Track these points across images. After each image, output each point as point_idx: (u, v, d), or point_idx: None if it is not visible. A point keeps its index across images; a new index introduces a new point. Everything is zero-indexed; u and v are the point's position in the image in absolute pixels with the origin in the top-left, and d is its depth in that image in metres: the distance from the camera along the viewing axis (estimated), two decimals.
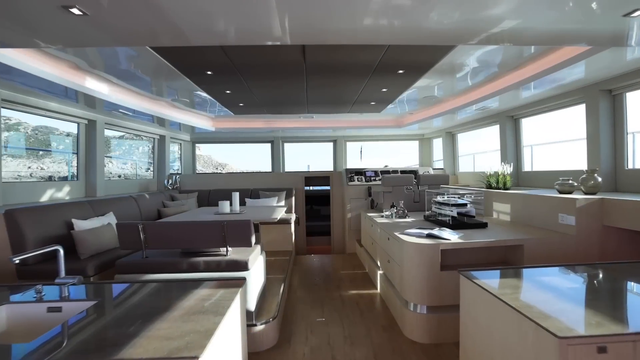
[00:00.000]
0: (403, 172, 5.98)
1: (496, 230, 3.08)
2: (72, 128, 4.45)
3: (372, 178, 5.75)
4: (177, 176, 6.08)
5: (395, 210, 4.18)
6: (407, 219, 3.94)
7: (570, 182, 3.13)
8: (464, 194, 3.64)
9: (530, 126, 4.80)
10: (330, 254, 6.19)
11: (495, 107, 4.68)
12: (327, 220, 7.04)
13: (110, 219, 3.43)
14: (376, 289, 3.90)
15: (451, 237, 2.75)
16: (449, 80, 3.90)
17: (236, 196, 4.01)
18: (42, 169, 6.27)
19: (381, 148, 8.12)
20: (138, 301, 1.48)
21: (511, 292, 1.53)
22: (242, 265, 2.53)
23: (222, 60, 2.97)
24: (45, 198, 3.82)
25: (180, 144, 7.24)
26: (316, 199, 8.21)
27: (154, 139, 6.20)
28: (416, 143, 7.79)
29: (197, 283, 1.67)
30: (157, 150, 6.27)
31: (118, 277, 2.47)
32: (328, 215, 7.57)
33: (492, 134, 5.87)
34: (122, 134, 6.21)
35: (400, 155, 8.91)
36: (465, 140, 6.60)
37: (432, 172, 6.26)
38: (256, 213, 3.79)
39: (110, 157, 8.54)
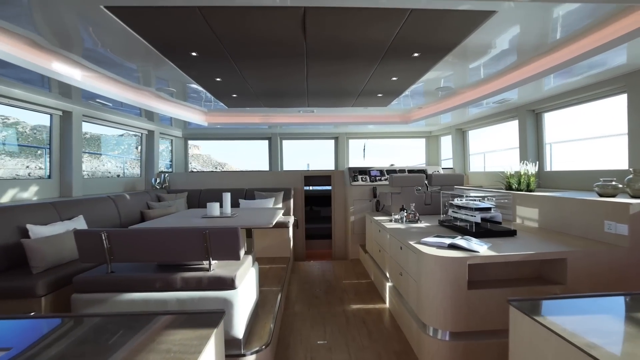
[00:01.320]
0: (410, 171, 5.54)
1: (528, 239, 2.64)
2: (44, 120, 3.99)
3: (378, 178, 5.30)
4: (166, 174, 5.62)
5: (405, 213, 3.73)
6: (420, 224, 3.50)
7: (614, 183, 2.69)
8: (485, 197, 3.19)
9: (550, 122, 4.36)
10: (331, 260, 5.74)
11: (514, 101, 4.24)
12: (327, 223, 6.59)
13: (79, 223, 2.96)
14: (384, 302, 3.45)
15: (479, 248, 2.30)
16: (464, 69, 3.46)
17: (227, 197, 3.57)
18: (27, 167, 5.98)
19: (384, 146, 7.67)
20: (65, 352, 1.03)
21: (599, 339, 1.09)
22: (228, 283, 2.08)
23: (206, 36, 2.51)
24: (5, 199, 3.36)
25: (172, 140, 6.79)
26: (316, 199, 7.76)
27: (141, 134, 5.74)
28: (422, 141, 7.35)
29: (156, 318, 1.22)
30: (146, 147, 5.81)
31: (76, 298, 2.02)
32: (329, 217, 7.12)
33: (505, 130, 5.44)
34: (123, 132, 5.76)
35: (405, 153, 8.46)
36: (475, 138, 6.17)
37: (441, 171, 5.81)
38: (250, 217, 3.34)
39: (100, 154, 8.10)
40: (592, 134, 3.87)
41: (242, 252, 2.16)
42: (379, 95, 4.38)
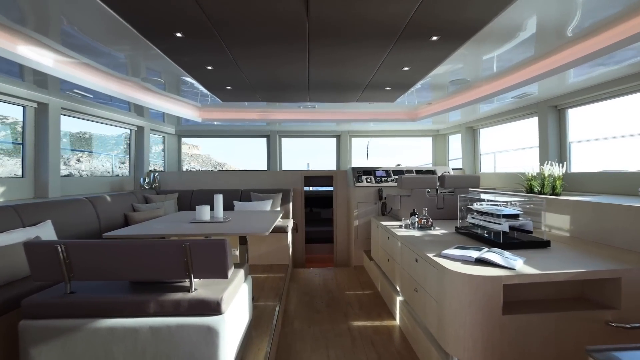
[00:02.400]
0: (419, 172, 5.17)
1: (565, 252, 2.27)
2: (16, 113, 3.61)
3: (383, 179, 4.93)
4: (156, 174, 5.24)
5: (417, 218, 3.36)
6: (435, 232, 3.13)
7: None
8: (510, 202, 2.82)
9: (574, 119, 4.00)
10: (333, 267, 5.37)
11: (534, 96, 3.87)
12: (328, 225, 6.22)
13: (44, 230, 2.58)
14: (394, 319, 3.08)
15: (514, 264, 1.93)
16: (482, 59, 3.10)
17: (219, 199, 3.20)
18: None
19: (387, 146, 7.29)
20: None
21: None
22: (213, 307, 1.71)
23: (192, 11, 2.14)
24: None
25: (164, 137, 6.41)
26: (316, 200, 7.39)
27: (130, 130, 5.36)
28: (428, 140, 6.98)
29: None
30: (135, 144, 5.43)
31: (24, 325, 1.64)
32: (329, 219, 6.75)
33: (518, 129, 5.08)
34: (125, 131, 5.37)
35: (408, 153, 8.11)
36: (484, 137, 5.80)
37: (452, 172, 5.44)
38: (244, 222, 2.98)
39: (91, 152, 7.72)
40: (622, 132, 3.51)
41: (230, 271, 1.78)
42: (387, 88, 4.01)
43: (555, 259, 2.08)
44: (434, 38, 2.55)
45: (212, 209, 3.20)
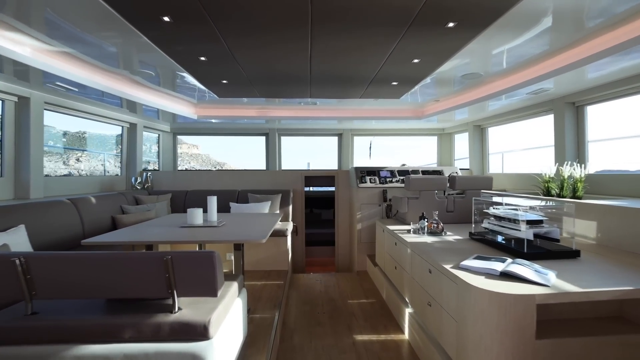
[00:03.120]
0: (425, 172, 4.92)
1: (599, 263, 2.02)
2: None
3: (388, 179, 4.68)
4: (149, 173, 4.99)
5: (426, 222, 3.11)
6: (447, 237, 2.88)
7: None
8: (531, 206, 2.57)
9: (593, 116, 3.75)
10: (335, 272, 5.13)
11: (550, 92, 3.63)
12: (329, 227, 5.98)
13: (15, 237, 2.31)
14: (402, 332, 2.83)
15: (545, 279, 1.68)
16: (497, 51, 2.86)
17: (213, 201, 2.96)
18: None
19: (388, 145, 7.04)
20: None
21: None
22: (199, 331, 1.46)
23: None
24: None
25: (159, 135, 6.15)
26: (317, 200, 7.15)
27: (122, 127, 5.10)
28: (431, 140, 6.73)
29: None
30: (127, 142, 5.17)
31: None
32: (330, 220, 6.51)
33: (528, 127, 4.85)
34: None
35: (410, 153, 7.88)
36: (491, 136, 5.56)
37: (460, 172, 5.20)
38: (240, 226, 2.73)
39: (84, 150, 7.48)
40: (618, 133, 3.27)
41: (220, 287, 1.53)
42: (394, 83, 3.76)
43: (590, 272, 1.83)
44: (450, 24, 2.30)
45: (205, 211, 2.96)
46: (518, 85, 3.46)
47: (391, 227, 3.41)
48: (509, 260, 1.98)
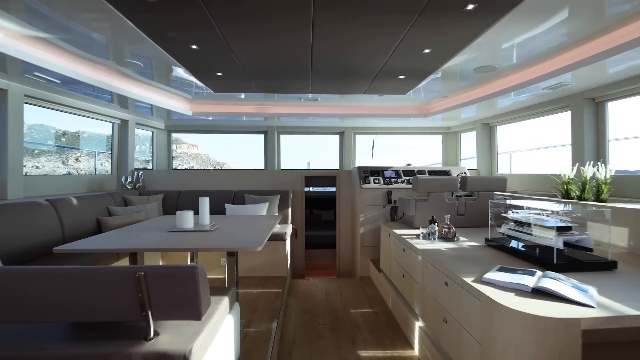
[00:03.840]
0: (432, 172, 4.67)
1: (637, 275, 1.78)
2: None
3: (393, 180, 4.43)
4: (140, 172, 4.73)
5: (436, 227, 2.87)
6: (461, 244, 2.63)
7: None
8: (557, 211, 2.33)
9: (613, 113, 3.51)
10: (336, 277, 4.89)
11: (569, 87, 3.39)
12: (330, 229, 5.74)
13: None
14: (412, 347, 2.59)
15: (587, 298, 1.44)
16: (513, 41, 2.62)
17: (205, 203, 2.71)
18: None
19: (389, 145, 6.77)
20: None
21: None
22: None
23: None
24: None
25: (153, 132, 5.90)
26: (317, 201, 6.91)
27: (112, 124, 4.85)
28: (435, 139, 6.48)
29: None
30: (118, 139, 4.92)
31: None
32: (331, 222, 6.28)
33: (538, 125, 4.62)
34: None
35: (414, 152, 7.63)
36: (500, 135, 5.32)
37: (468, 173, 4.95)
38: (234, 231, 2.49)
39: (78, 149, 7.27)
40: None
41: (204, 310, 1.28)
42: (401, 77, 3.51)
43: (634, 288, 1.59)
44: (470, 7, 2.05)
45: (198, 213, 2.71)
46: (535, 79, 3.22)
47: (398, 232, 3.17)
48: (539, 273, 1.74)
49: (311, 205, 6.88)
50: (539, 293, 1.54)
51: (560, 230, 1.97)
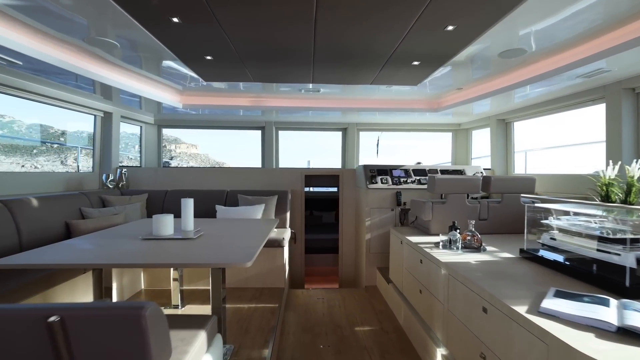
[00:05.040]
0: (444, 172, 4.26)
1: None
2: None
3: (402, 179, 4.02)
4: (124, 170, 4.31)
5: (459, 235, 2.46)
6: (490, 255, 2.22)
7: None
8: (612, 218, 1.92)
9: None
10: (339, 286, 4.49)
11: (604, 76, 2.98)
12: (332, 232, 5.33)
13: None
14: None
15: None
16: (546, 19, 2.22)
17: (188, 205, 2.31)
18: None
19: (393, 144, 6.35)
20: None
21: None
22: None
23: None
24: None
25: (141, 127, 5.47)
26: (317, 202, 6.50)
27: (94, 116, 4.42)
28: (443, 136, 6.08)
29: None
30: (101, 133, 4.50)
31: None
32: (332, 224, 5.87)
33: (555, 121, 4.23)
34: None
35: (416, 152, 7.25)
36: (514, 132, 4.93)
37: (484, 173, 4.54)
38: (221, 239, 2.08)
39: (65, 144, 6.89)
40: None
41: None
42: (415, 63, 3.10)
43: None
44: None
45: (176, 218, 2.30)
46: (569, 65, 2.81)
47: (413, 239, 2.75)
48: (613, 301, 1.32)
49: (311, 207, 6.47)
50: (629, 335, 1.12)
51: (634, 243, 1.55)
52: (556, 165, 4.50)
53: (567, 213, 2.03)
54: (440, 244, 2.52)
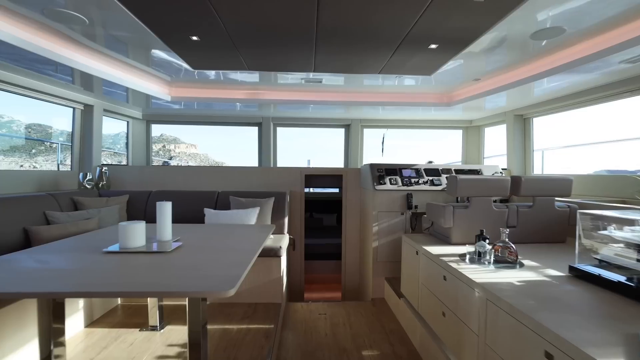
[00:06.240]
0: (458, 171, 3.87)
1: None
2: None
3: (413, 180, 3.62)
4: (105, 169, 3.90)
5: (488, 245, 2.06)
6: (533, 273, 1.81)
7: None
8: None
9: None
10: (342, 297, 4.09)
11: None
12: (333, 237, 4.95)
13: None
14: None
15: None
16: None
17: (165, 210, 1.91)
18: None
19: (396, 143, 5.93)
20: None
21: None
22: None
23: None
24: None
25: (128, 122, 5.07)
26: (318, 204, 6.10)
27: (73, 109, 4.02)
28: (452, 133, 5.68)
29: None
30: (81, 128, 4.09)
31: None
32: (334, 227, 5.48)
33: (577, 117, 3.87)
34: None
35: (418, 151, 6.86)
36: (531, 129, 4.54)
37: (502, 172, 4.14)
38: (203, 255, 1.67)
39: (51, 141, 6.51)
40: None
41: None
42: (432, 46, 2.70)
43: None
44: None
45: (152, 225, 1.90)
46: (613, 48, 2.41)
47: (432, 250, 2.35)
48: None
49: (311, 209, 6.07)
50: None
51: None
52: (581, 165, 4.13)
53: (632, 222, 1.63)
54: (467, 256, 2.12)
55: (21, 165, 6.18)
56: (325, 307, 3.34)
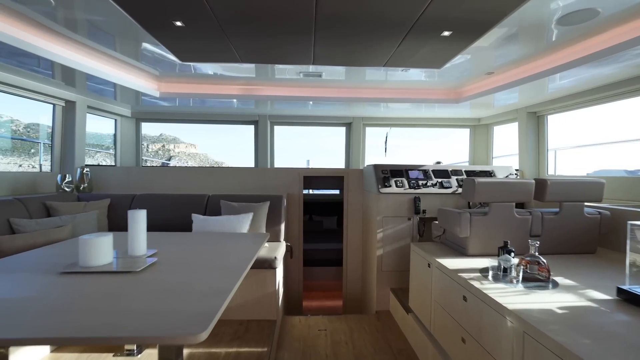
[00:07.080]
0: (470, 173, 3.58)
1: None
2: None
3: (421, 182, 3.33)
4: (87, 170, 3.61)
5: (514, 260, 1.78)
6: (576, 295, 1.52)
7: None
8: None
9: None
10: (344, 312, 3.81)
11: None
12: (334, 241, 4.66)
13: None
14: None
15: None
16: None
17: (139, 218, 1.62)
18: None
19: (398, 143, 5.64)
20: None
21: None
22: None
23: None
24: None
25: (116, 120, 4.78)
26: (317, 206, 5.81)
27: (54, 106, 3.73)
28: (458, 132, 5.40)
29: None
30: (62, 126, 3.80)
31: None
32: (334, 231, 5.19)
33: (591, 115, 3.61)
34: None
35: (420, 151, 6.59)
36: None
37: (517, 174, 3.86)
38: (182, 273, 1.39)
39: (38, 141, 6.18)
40: None
41: None
42: (445, 33, 2.41)
43: None
44: None
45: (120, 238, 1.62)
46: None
47: (447, 263, 2.06)
48: None
49: (310, 211, 5.78)
50: None
51: None
52: (595, 166, 3.87)
53: None
54: (490, 273, 1.83)
55: (20, 166, 5.92)
56: (326, 321, 3.05)
